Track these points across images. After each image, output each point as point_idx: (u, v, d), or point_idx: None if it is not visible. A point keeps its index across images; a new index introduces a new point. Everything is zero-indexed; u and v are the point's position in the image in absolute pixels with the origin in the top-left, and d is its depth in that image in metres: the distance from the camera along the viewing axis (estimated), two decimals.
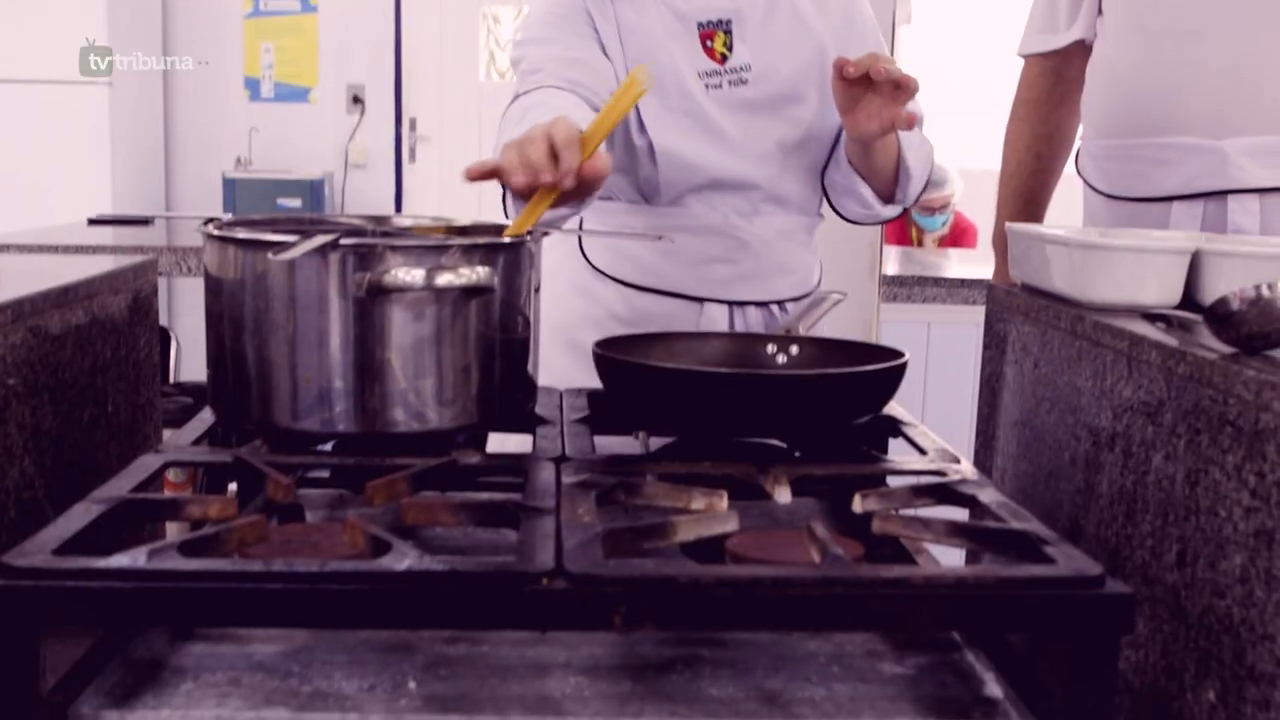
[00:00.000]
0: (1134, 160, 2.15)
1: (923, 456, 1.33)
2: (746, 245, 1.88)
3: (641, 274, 1.89)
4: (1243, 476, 1.10)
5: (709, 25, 1.86)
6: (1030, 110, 2.39)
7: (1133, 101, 2.14)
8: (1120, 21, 2.16)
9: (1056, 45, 2.31)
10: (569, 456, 1.25)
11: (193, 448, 1.31)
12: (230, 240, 1.28)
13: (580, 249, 1.93)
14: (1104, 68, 2.21)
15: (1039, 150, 2.39)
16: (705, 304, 1.88)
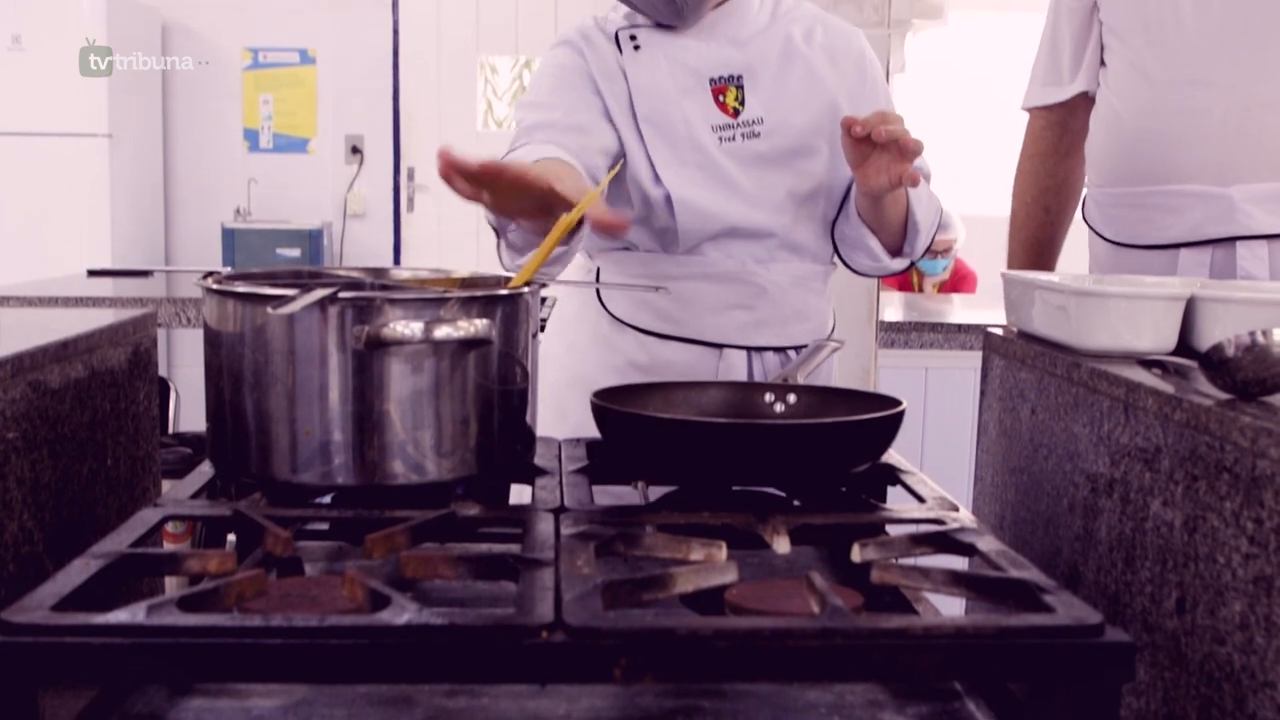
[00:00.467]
0: (1141, 208, 2.16)
1: (921, 505, 1.33)
2: (764, 291, 1.91)
3: (660, 322, 1.91)
4: (1240, 523, 1.10)
5: (721, 81, 1.90)
6: (1037, 163, 2.41)
7: (1138, 150, 2.15)
8: (1124, 72, 2.18)
9: (1060, 98, 2.32)
10: (568, 507, 1.25)
11: (191, 501, 1.31)
12: (229, 294, 1.28)
13: (599, 298, 1.95)
14: (1109, 117, 2.22)
15: (1047, 203, 2.40)
16: (724, 350, 1.91)
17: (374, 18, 6.30)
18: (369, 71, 6.32)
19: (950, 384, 3.17)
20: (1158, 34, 2.11)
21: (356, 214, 6.37)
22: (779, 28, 1.95)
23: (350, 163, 6.37)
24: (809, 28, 1.98)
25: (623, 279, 1.93)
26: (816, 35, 1.97)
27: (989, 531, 1.24)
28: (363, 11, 6.29)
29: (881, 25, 2.32)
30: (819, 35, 1.97)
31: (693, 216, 1.86)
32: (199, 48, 6.26)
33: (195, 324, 3.27)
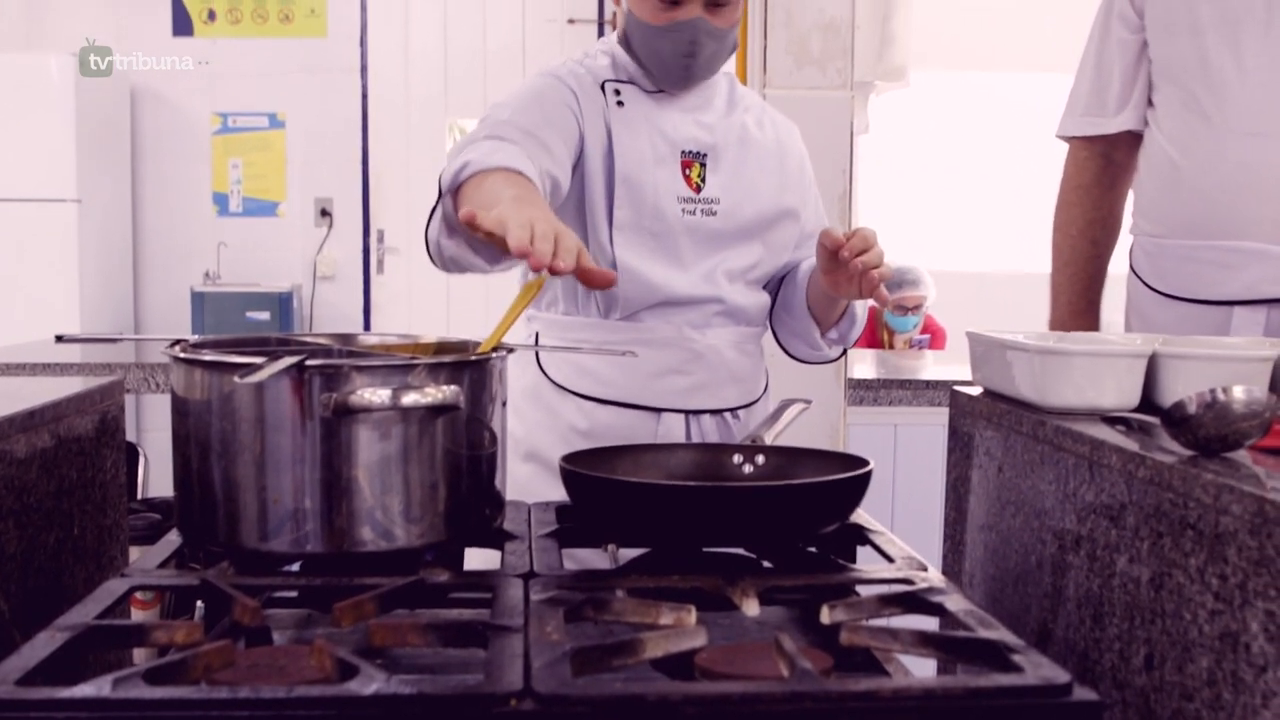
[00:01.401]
0: (1194, 261, 2.12)
1: (890, 564, 1.33)
2: (700, 356, 1.92)
3: (600, 387, 1.92)
4: (1206, 579, 1.11)
5: (689, 155, 1.93)
6: (1082, 195, 2.35)
7: (1194, 201, 2.11)
8: (1179, 116, 2.14)
9: (1105, 130, 2.28)
10: (537, 572, 1.25)
11: (159, 570, 1.30)
12: (196, 363, 1.28)
13: (538, 363, 1.96)
14: (1162, 162, 2.17)
15: (1094, 236, 2.35)
16: (662, 414, 1.92)
17: (342, 81, 6.33)
18: (337, 134, 6.34)
19: (920, 441, 3.18)
20: (1217, 80, 2.07)
21: (326, 276, 6.37)
22: (737, 115, 2.00)
23: (320, 225, 6.37)
24: (759, 118, 2.04)
25: (560, 343, 1.94)
26: (765, 126, 2.03)
27: (958, 591, 1.24)
28: (331, 75, 6.32)
29: (844, 87, 2.34)
30: (768, 126, 2.03)
31: (636, 286, 1.89)
32: (168, 112, 6.27)
33: (164, 389, 3.26)
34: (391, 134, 6.42)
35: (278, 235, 6.36)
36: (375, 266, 6.44)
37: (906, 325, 5.11)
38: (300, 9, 6.28)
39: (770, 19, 2.38)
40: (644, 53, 1.92)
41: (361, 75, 6.35)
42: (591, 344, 1.90)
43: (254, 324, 5.89)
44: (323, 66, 6.31)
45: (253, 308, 5.95)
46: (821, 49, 2.33)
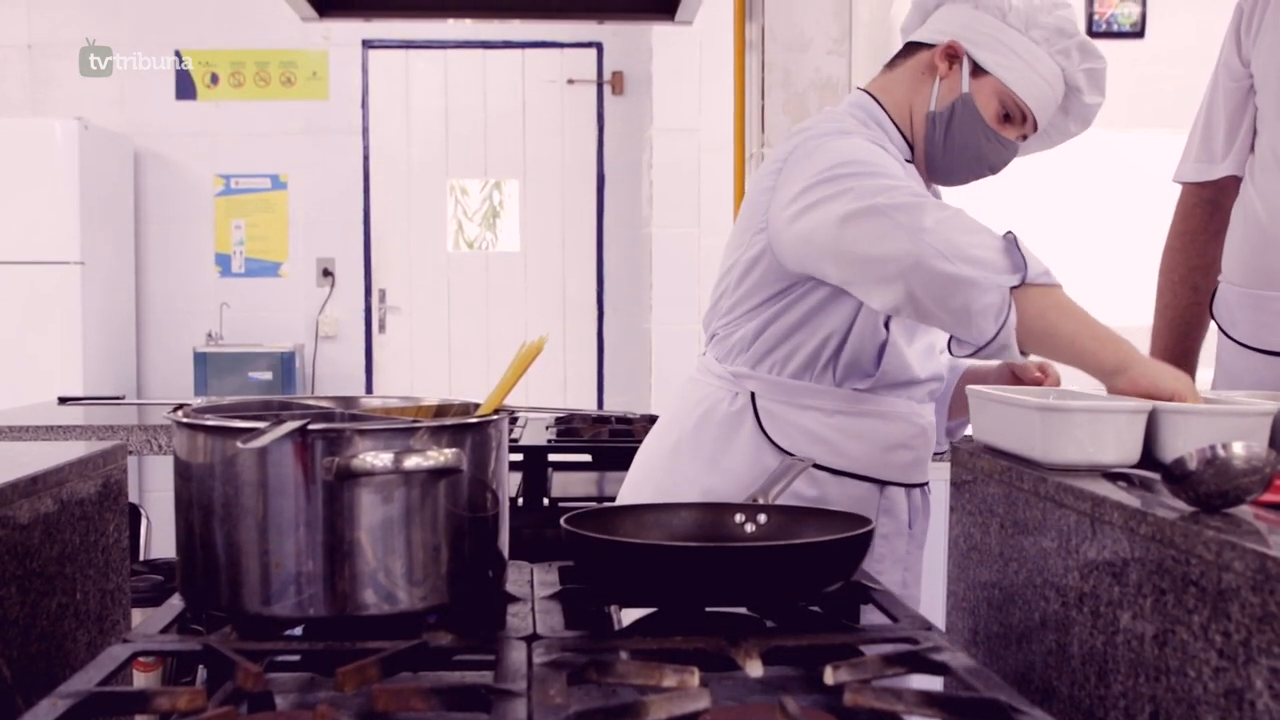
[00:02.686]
0: (1265, 312, 2.12)
1: (894, 623, 1.33)
2: (925, 431, 1.99)
3: (834, 457, 1.92)
4: (1209, 636, 1.10)
5: None
6: (1187, 241, 2.37)
7: (1269, 251, 2.12)
8: (1268, 165, 2.15)
9: (1211, 176, 2.29)
10: (540, 635, 1.25)
11: (161, 636, 1.30)
12: (199, 427, 1.29)
13: (760, 427, 1.93)
14: (1247, 211, 2.19)
15: (1195, 282, 2.35)
16: (886, 487, 1.95)
17: (344, 142, 6.38)
18: (339, 195, 6.38)
19: None
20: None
21: (328, 336, 6.39)
22: None
23: (322, 285, 6.40)
24: None
25: (786, 408, 1.93)
26: None
27: (962, 649, 1.24)
28: (333, 136, 6.37)
29: None
30: None
31: (898, 366, 1.92)
32: (171, 174, 6.32)
33: (167, 450, 3.26)
34: (393, 194, 6.46)
35: (280, 295, 6.39)
36: (377, 326, 6.47)
37: None
38: (302, 72, 6.33)
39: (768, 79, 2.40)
40: (962, 143, 1.94)
41: (363, 136, 6.40)
42: (823, 412, 1.92)
43: (256, 384, 5.90)
44: (324, 128, 6.36)
45: (255, 368, 5.97)
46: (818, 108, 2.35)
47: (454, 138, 6.49)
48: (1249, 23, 2.20)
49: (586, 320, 6.52)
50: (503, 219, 6.61)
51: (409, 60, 6.44)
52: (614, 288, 6.48)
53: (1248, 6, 2.21)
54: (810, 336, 1.90)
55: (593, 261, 6.50)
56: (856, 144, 1.86)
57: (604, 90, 6.39)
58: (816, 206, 1.78)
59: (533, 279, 6.53)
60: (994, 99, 1.93)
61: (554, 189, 6.51)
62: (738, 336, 1.95)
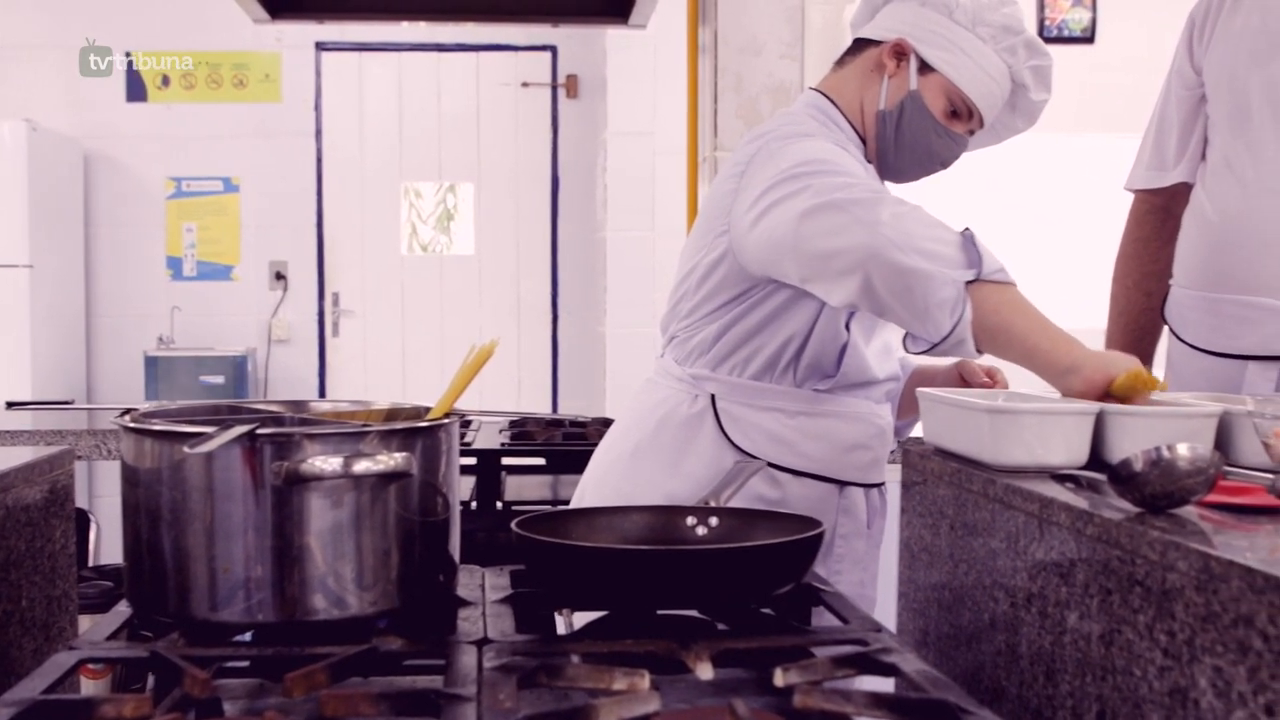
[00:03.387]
0: (1216, 314, 2.15)
1: (844, 625, 1.34)
2: (883, 432, 2.00)
3: (794, 458, 1.93)
4: (1154, 636, 1.11)
5: None
6: (1140, 247, 2.40)
7: (1221, 255, 2.14)
8: (1220, 171, 2.18)
9: (1163, 184, 2.32)
10: (491, 639, 1.25)
11: (108, 643, 1.29)
12: (146, 432, 1.28)
13: (720, 428, 1.94)
14: (1199, 216, 2.21)
15: (1148, 287, 2.39)
16: (846, 488, 1.96)
17: (297, 145, 6.35)
18: (292, 197, 6.35)
19: None
20: (1256, 139, 2.11)
21: (281, 340, 6.36)
22: None
23: (274, 289, 6.36)
24: None
25: (747, 409, 1.93)
26: None
27: (912, 650, 1.25)
28: (286, 139, 6.34)
29: None
30: None
31: (857, 366, 1.93)
32: (122, 177, 6.26)
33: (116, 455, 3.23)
34: (346, 197, 6.43)
35: (232, 299, 6.35)
36: (330, 329, 6.44)
37: None
38: (254, 74, 6.30)
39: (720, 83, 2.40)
40: (911, 139, 1.96)
41: (316, 139, 6.37)
42: (784, 413, 1.93)
43: (208, 388, 5.86)
44: (277, 131, 6.33)
45: (207, 372, 5.93)
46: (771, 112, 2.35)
47: (408, 140, 6.47)
48: (1201, 32, 2.23)
49: (541, 324, 6.51)
50: (457, 222, 6.59)
51: (362, 63, 6.41)
52: (568, 291, 6.48)
53: (1199, 16, 2.24)
54: (771, 338, 1.91)
55: (547, 265, 6.50)
56: (818, 145, 1.88)
57: (558, 93, 6.39)
58: (776, 205, 1.80)
59: (487, 282, 6.52)
60: (941, 96, 1.95)
61: (508, 192, 6.50)
62: (698, 339, 1.96)
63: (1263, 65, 2.10)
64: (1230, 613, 1.01)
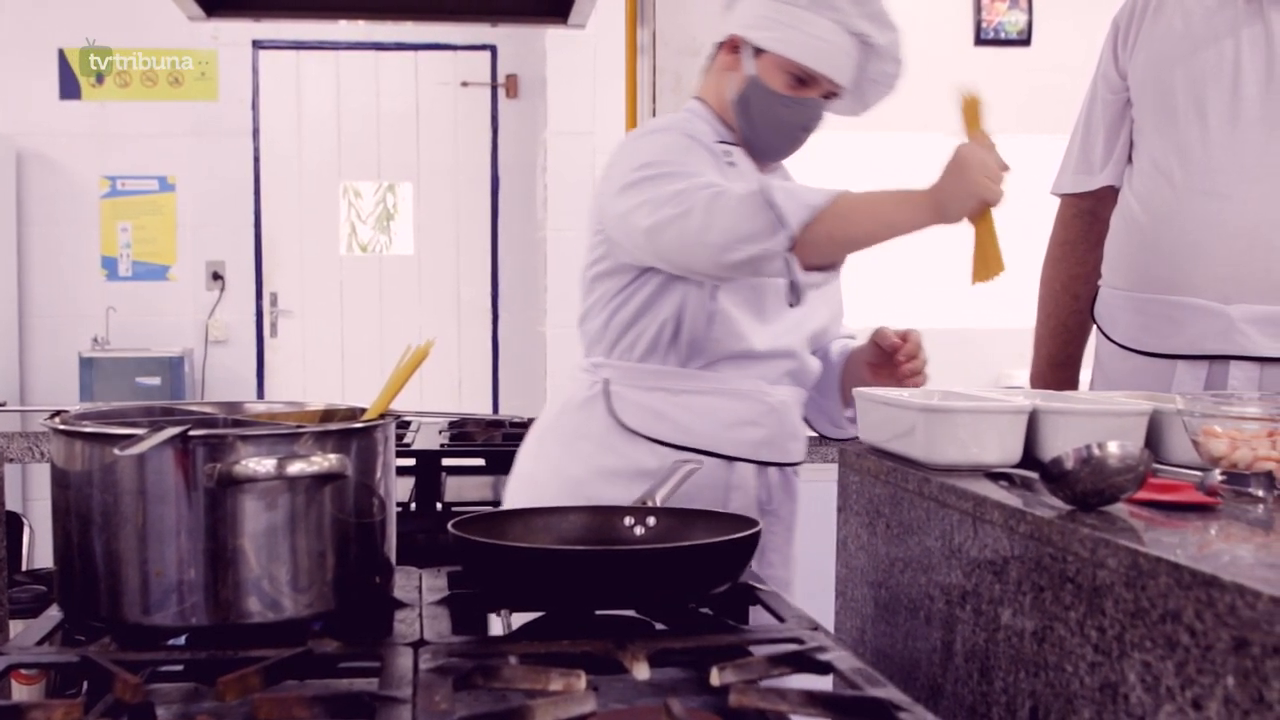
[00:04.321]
0: (1145, 314, 2.18)
1: (781, 624, 1.34)
2: (774, 410, 2.04)
3: (678, 433, 2.00)
4: (1085, 631, 1.13)
5: None
6: (1067, 251, 2.43)
7: (1150, 255, 2.17)
8: (1147, 172, 2.21)
9: (1090, 187, 2.36)
10: (427, 640, 1.24)
11: (38, 648, 1.27)
12: (76, 434, 1.26)
13: (610, 409, 2.02)
14: (1128, 217, 2.24)
15: (1076, 290, 2.42)
16: (735, 464, 2.01)
17: (234, 144, 6.29)
18: (229, 197, 6.29)
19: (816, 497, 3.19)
20: (1183, 141, 2.14)
21: (219, 340, 6.29)
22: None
23: (211, 289, 6.30)
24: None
25: (635, 390, 2.02)
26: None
27: (848, 648, 1.25)
28: (223, 138, 6.27)
29: None
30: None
31: (729, 336, 1.98)
32: (55, 176, 6.18)
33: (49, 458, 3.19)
34: (284, 197, 6.38)
35: (168, 299, 6.28)
36: (269, 330, 6.38)
37: None
38: (190, 72, 6.23)
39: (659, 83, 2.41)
40: (763, 119, 2.04)
41: (253, 138, 6.31)
42: (669, 392, 2.00)
43: (145, 389, 5.79)
44: (214, 130, 6.26)
45: (143, 373, 5.85)
46: None
47: (346, 140, 6.43)
48: (1125, 36, 2.26)
49: (481, 323, 6.49)
50: (396, 222, 6.55)
51: (300, 61, 6.36)
52: (509, 291, 6.46)
53: (1123, 21, 2.27)
54: (651, 321, 2.01)
55: (487, 265, 6.47)
56: (660, 141, 1.99)
57: (498, 93, 6.37)
58: (626, 218, 1.93)
59: (427, 282, 6.49)
60: (780, 72, 2.02)
61: (448, 192, 6.47)
62: (593, 329, 2.08)
63: (1186, 67, 2.14)
64: (1158, 608, 1.02)
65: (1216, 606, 0.95)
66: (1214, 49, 2.12)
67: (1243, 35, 2.09)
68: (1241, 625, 0.93)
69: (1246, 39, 2.09)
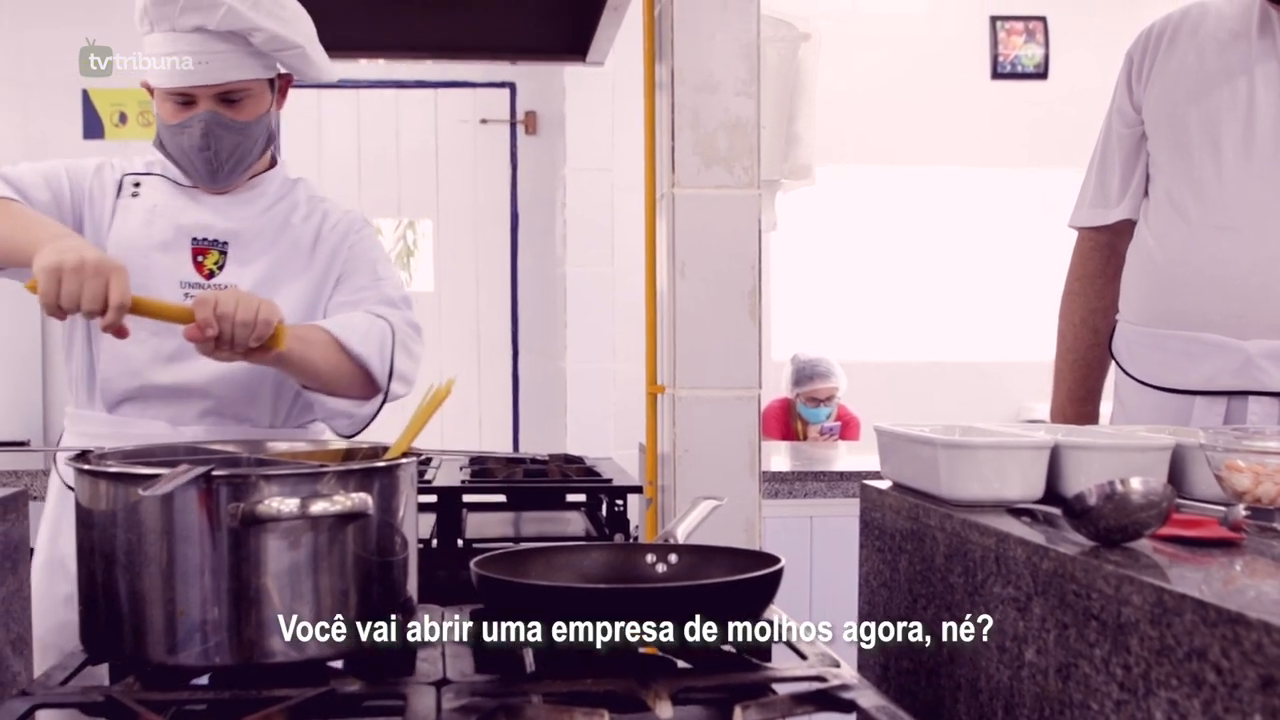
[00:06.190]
0: (1163, 350, 2.17)
1: (803, 661, 1.34)
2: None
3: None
4: (1110, 669, 1.12)
5: (203, 242, 1.98)
6: (1085, 285, 2.42)
7: (1167, 291, 2.17)
8: (1163, 207, 2.20)
9: (1106, 221, 2.35)
10: (450, 679, 1.25)
11: (63, 688, 1.28)
12: (101, 474, 1.27)
13: (54, 466, 2.01)
14: (1144, 252, 2.24)
15: (1095, 324, 2.41)
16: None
17: None
18: None
19: (836, 532, 3.19)
20: (1197, 176, 2.14)
21: None
22: (281, 207, 2.07)
23: None
24: (308, 212, 2.10)
25: (73, 439, 1.98)
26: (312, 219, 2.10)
27: (871, 686, 1.25)
28: None
29: (752, 186, 2.38)
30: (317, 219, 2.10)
31: (118, 369, 1.94)
32: None
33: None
34: None
35: None
36: None
37: (819, 416, 5.16)
38: None
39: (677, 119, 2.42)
40: (173, 151, 1.99)
41: None
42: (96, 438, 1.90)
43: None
44: None
45: None
46: (728, 149, 2.37)
47: (367, 177, 6.46)
48: (1139, 70, 2.27)
49: (501, 360, 6.50)
50: (416, 258, 6.58)
51: (321, 99, 6.40)
52: (528, 327, 6.47)
53: (1137, 55, 2.28)
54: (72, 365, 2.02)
55: (507, 301, 6.49)
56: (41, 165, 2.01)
57: (517, 130, 6.40)
58: None
59: (446, 318, 6.51)
60: (163, 102, 1.98)
61: (468, 228, 6.49)
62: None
63: (1200, 103, 2.14)
64: (1184, 646, 1.01)
65: (1243, 644, 0.95)
66: (1228, 84, 2.12)
67: (1256, 71, 2.10)
68: (1268, 663, 0.92)
69: (1260, 74, 2.09)
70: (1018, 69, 6.07)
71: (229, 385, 1.96)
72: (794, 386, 5.20)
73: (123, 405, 1.95)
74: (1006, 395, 5.97)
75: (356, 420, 2.00)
